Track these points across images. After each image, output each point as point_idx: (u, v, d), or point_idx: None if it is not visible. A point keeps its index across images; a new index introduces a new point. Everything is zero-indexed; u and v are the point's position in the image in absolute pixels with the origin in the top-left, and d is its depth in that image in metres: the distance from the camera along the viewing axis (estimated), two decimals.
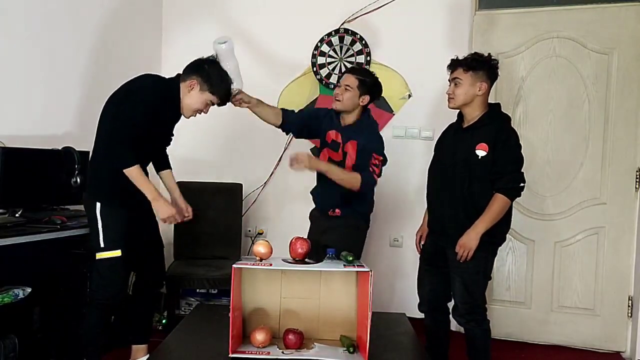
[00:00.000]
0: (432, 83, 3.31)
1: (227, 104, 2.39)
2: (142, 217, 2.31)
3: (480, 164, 2.16)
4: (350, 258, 1.66)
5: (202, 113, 2.29)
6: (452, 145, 2.31)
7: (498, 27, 3.14)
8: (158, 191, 2.16)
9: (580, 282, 3.07)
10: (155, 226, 2.45)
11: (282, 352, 1.57)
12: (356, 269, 1.59)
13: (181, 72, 2.27)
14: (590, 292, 3.05)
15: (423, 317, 3.31)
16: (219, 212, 3.40)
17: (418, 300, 2.50)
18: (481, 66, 2.23)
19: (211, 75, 2.19)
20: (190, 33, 3.68)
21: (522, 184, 2.18)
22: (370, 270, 1.55)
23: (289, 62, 3.48)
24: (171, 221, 2.20)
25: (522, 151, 2.21)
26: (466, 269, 2.21)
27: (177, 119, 2.36)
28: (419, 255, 2.53)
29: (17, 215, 2.42)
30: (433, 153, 2.46)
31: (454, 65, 2.28)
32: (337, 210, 2.50)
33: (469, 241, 2.14)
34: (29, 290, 2.37)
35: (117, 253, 2.17)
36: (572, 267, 3.08)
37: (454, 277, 2.26)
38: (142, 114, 2.09)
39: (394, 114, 3.38)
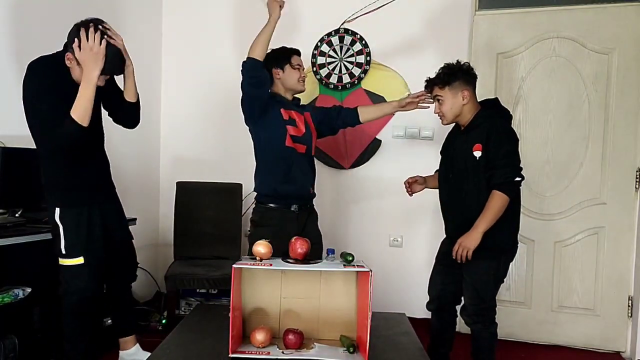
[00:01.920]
0: None
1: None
2: (110, 211, 2.27)
3: (478, 165, 2.17)
4: (350, 258, 1.66)
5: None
6: (453, 149, 2.32)
7: (498, 27, 3.14)
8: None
9: (580, 282, 3.07)
10: (120, 215, 2.39)
11: (282, 352, 1.57)
12: (356, 269, 1.59)
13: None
14: (590, 292, 3.06)
15: (423, 317, 3.33)
16: (219, 212, 3.41)
17: (425, 300, 2.51)
18: (455, 77, 2.22)
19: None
20: (189, 22, 3.69)
21: (517, 179, 2.14)
22: (370, 270, 1.55)
23: None
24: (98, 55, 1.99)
25: (518, 146, 2.19)
26: (477, 271, 2.22)
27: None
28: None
29: (17, 215, 2.42)
30: (440, 157, 2.46)
31: (430, 85, 2.30)
32: None
33: (468, 241, 2.14)
34: (29, 290, 2.37)
35: (79, 260, 2.12)
36: (572, 267, 3.08)
37: (466, 278, 2.28)
38: (55, 108, 1.98)
39: (393, 114, 3.38)
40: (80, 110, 1.97)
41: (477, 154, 2.16)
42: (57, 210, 2.13)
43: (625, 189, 2.99)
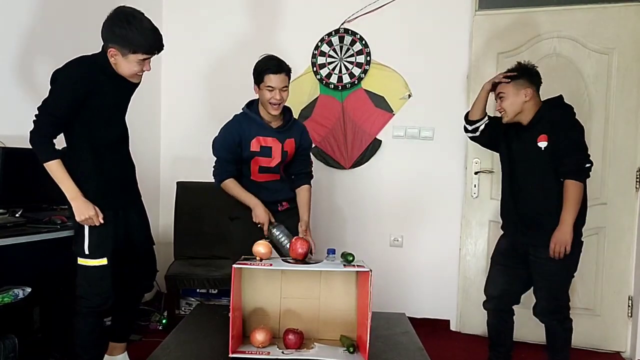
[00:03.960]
0: (432, 83, 3.32)
1: None
2: (134, 215, 2.24)
3: (544, 155, 2.22)
4: (351, 258, 1.66)
5: (146, 70, 2.09)
6: (515, 147, 2.35)
7: (498, 27, 3.14)
8: (77, 190, 2.00)
9: (581, 282, 3.06)
10: (144, 220, 2.36)
11: (282, 352, 1.57)
12: (356, 269, 1.59)
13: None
14: (590, 292, 3.05)
15: (423, 317, 3.34)
16: (219, 212, 3.39)
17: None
18: (519, 74, 2.29)
19: (122, 35, 1.97)
20: (189, 22, 3.69)
21: (587, 164, 2.23)
22: (370, 270, 1.55)
23: (289, 62, 3.49)
24: (89, 223, 2.02)
25: (584, 134, 2.28)
26: (549, 270, 2.24)
27: (128, 87, 2.18)
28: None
29: (17, 215, 2.41)
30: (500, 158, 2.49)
31: (496, 82, 2.35)
32: None
33: (563, 236, 2.17)
34: (29, 290, 2.37)
35: (103, 262, 2.09)
36: None
37: (537, 277, 2.31)
38: (61, 100, 1.98)
39: (393, 114, 3.38)
40: (52, 172, 2.00)
41: (542, 144, 2.23)
42: None
43: (625, 189, 2.99)
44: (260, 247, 1.65)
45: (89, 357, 2.16)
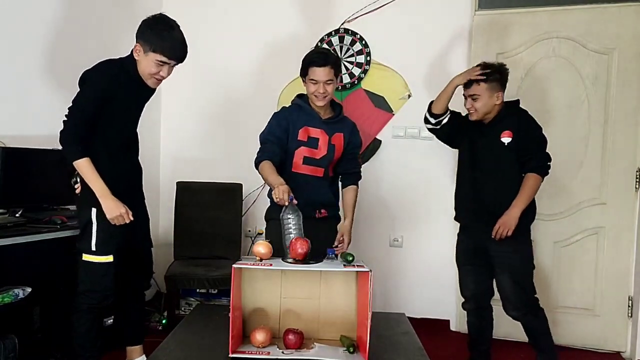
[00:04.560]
0: (432, 83, 3.31)
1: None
2: (136, 218, 2.22)
3: (507, 151, 2.30)
4: (350, 258, 1.66)
5: (162, 76, 2.13)
6: (475, 142, 2.41)
7: (498, 27, 3.14)
8: (106, 188, 2.05)
9: (580, 282, 3.07)
10: (145, 223, 2.39)
11: (282, 352, 1.57)
12: (356, 269, 1.59)
13: None
14: (590, 292, 3.06)
15: (423, 317, 3.33)
16: (219, 212, 3.41)
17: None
18: (494, 76, 2.32)
19: (148, 34, 2.06)
20: (188, 22, 3.68)
21: (549, 162, 2.33)
22: (370, 270, 1.55)
23: (289, 62, 3.50)
24: (119, 221, 2.07)
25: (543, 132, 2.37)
26: (512, 263, 2.32)
27: (145, 94, 2.26)
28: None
29: (17, 215, 2.42)
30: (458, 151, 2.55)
31: (470, 82, 2.35)
32: None
33: (509, 219, 2.26)
34: (29, 290, 2.37)
35: (109, 258, 2.12)
36: (571, 267, 3.08)
37: (502, 273, 2.35)
38: (91, 100, 2.04)
39: (393, 114, 3.38)
40: (81, 171, 2.05)
41: (506, 140, 2.31)
42: (94, 210, 2.10)
43: (625, 189, 2.99)
44: (260, 247, 1.65)
45: (88, 356, 2.17)
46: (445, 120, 2.48)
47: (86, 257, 2.12)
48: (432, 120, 2.50)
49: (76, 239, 2.22)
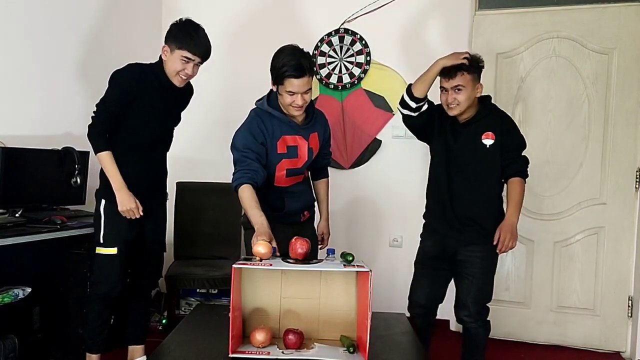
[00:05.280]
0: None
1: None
2: (148, 215, 2.31)
3: (489, 153, 2.18)
4: (350, 258, 1.65)
5: (187, 74, 2.23)
6: (454, 143, 2.24)
7: (498, 27, 3.14)
8: (123, 182, 2.19)
9: (580, 282, 3.07)
10: (160, 226, 2.49)
11: (282, 352, 1.57)
12: (356, 269, 1.59)
13: None
14: (590, 292, 3.06)
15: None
16: (219, 212, 3.41)
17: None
18: (477, 67, 2.18)
19: (175, 33, 2.20)
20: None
21: (528, 166, 2.27)
22: (370, 270, 1.55)
23: None
24: (129, 215, 2.20)
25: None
26: (480, 268, 2.23)
27: (174, 98, 2.36)
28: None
29: (17, 215, 2.42)
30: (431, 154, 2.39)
31: (455, 71, 2.13)
32: None
33: (512, 229, 2.16)
34: (28, 290, 2.38)
35: (113, 251, 2.23)
36: (571, 267, 3.08)
37: (467, 277, 2.24)
38: (114, 100, 2.18)
39: (393, 114, 3.38)
40: (102, 164, 2.21)
41: (488, 142, 2.18)
42: (103, 201, 2.25)
43: (625, 189, 2.99)
44: (260, 247, 1.65)
45: (92, 342, 2.32)
46: (425, 107, 2.27)
47: (97, 249, 2.26)
48: (413, 105, 2.24)
49: (78, 238, 2.37)
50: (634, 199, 2.98)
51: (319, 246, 2.34)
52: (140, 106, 2.20)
